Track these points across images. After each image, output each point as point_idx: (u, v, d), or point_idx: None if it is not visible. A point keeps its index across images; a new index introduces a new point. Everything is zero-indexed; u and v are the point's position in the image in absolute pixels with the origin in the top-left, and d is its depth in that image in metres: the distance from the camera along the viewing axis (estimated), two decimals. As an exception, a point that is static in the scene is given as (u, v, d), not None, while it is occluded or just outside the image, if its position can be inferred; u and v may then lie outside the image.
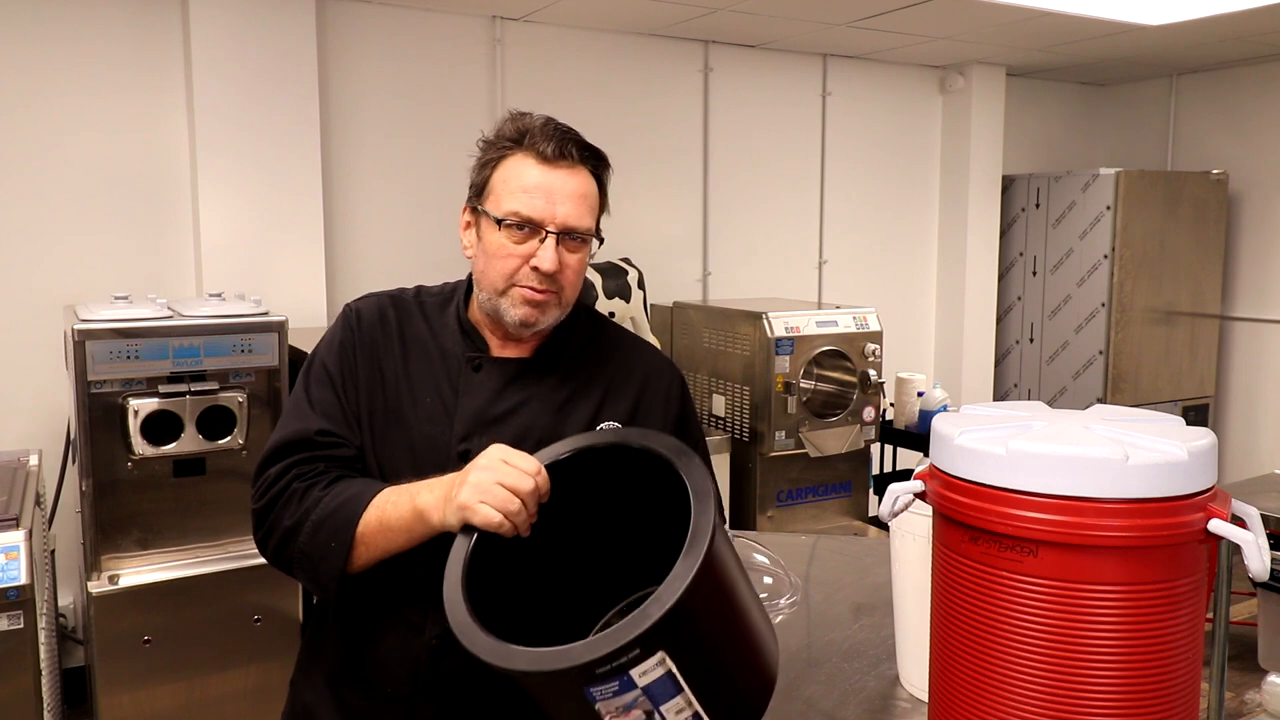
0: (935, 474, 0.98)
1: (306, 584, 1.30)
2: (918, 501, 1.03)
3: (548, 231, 1.28)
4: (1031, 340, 5.32)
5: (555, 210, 1.29)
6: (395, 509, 1.22)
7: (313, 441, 1.30)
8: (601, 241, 1.37)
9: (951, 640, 0.95)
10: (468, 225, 1.37)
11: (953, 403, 4.27)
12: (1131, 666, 0.87)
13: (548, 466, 1.17)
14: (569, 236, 1.30)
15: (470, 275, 1.41)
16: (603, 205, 1.37)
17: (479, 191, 1.34)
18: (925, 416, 4.01)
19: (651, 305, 4.14)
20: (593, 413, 1.36)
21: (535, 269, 1.29)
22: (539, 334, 1.37)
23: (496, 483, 1.13)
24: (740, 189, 4.69)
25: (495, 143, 1.33)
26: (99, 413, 2.66)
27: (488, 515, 1.12)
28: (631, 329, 3.92)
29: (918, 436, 4.01)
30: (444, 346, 1.37)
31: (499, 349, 1.37)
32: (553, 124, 1.32)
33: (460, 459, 1.29)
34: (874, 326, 3.71)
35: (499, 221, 1.29)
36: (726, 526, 1.14)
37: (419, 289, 1.45)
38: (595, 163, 1.34)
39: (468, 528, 1.15)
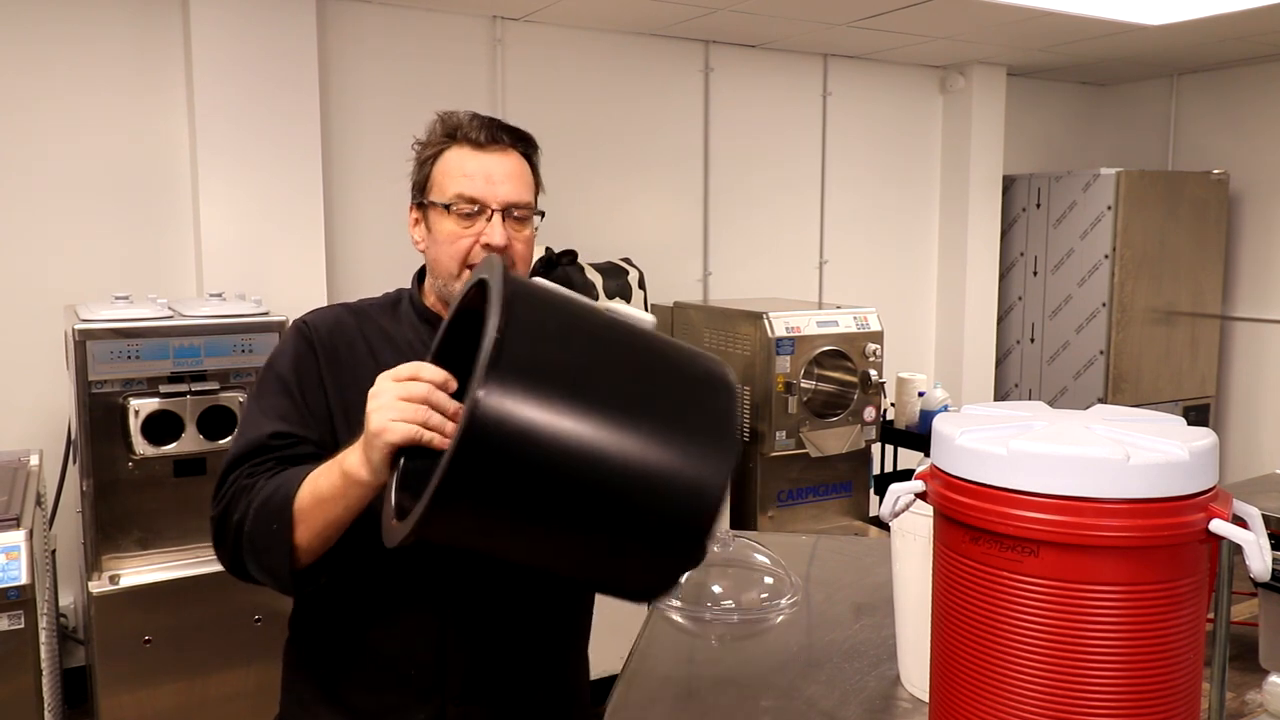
0: (936, 474, 0.98)
1: (264, 580, 1.27)
2: (918, 501, 1.03)
3: (492, 210, 1.35)
4: (1032, 340, 5.32)
5: (496, 190, 1.36)
6: (325, 476, 1.19)
7: (267, 446, 1.30)
8: (542, 215, 1.44)
9: (952, 640, 0.95)
10: (416, 222, 1.44)
11: (953, 403, 4.27)
12: (1132, 667, 0.87)
13: (439, 359, 1.15)
14: (512, 214, 1.37)
15: (416, 276, 1.47)
16: (537, 184, 1.44)
17: (422, 188, 1.41)
18: (926, 416, 4.00)
19: (652, 305, 4.14)
20: None
21: (486, 245, 1.34)
22: None
23: (396, 398, 1.09)
24: (741, 189, 4.69)
25: (430, 142, 1.41)
26: (99, 413, 2.66)
27: (405, 430, 1.07)
28: (632, 329, 3.91)
29: (918, 436, 4.01)
30: (407, 339, 1.41)
31: None
32: (479, 116, 1.40)
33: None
34: (875, 326, 3.71)
35: (447, 208, 1.36)
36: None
37: (361, 300, 1.48)
38: (524, 145, 1.42)
39: (395, 458, 1.11)
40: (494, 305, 0.97)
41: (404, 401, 1.08)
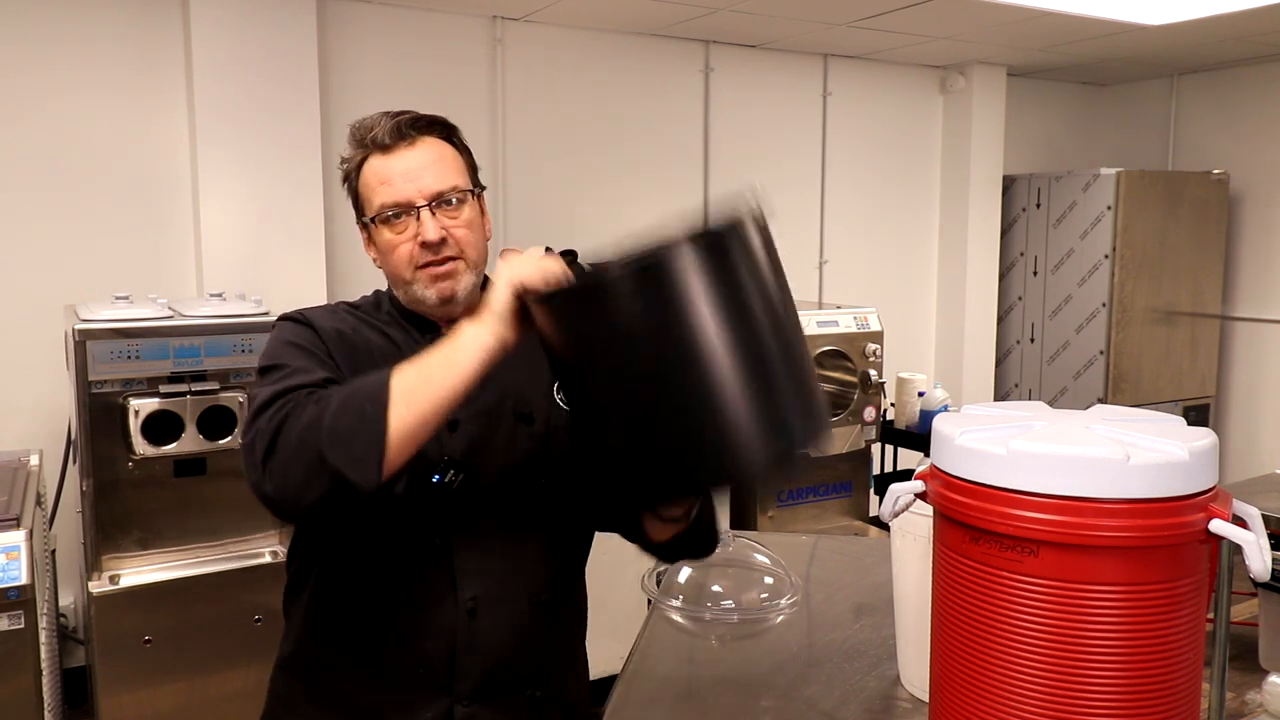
0: (936, 474, 0.98)
1: (342, 465, 1.10)
2: (918, 501, 1.03)
3: (418, 207, 1.32)
4: (1032, 340, 5.31)
5: (416, 185, 1.32)
6: (430, 354, 1.15)
7: (321, 385, 1.23)
8: (484, 188, 1.40)
9: (952, 640, 0.95)
10: (367, 242, 1.41)
11: (953, 403, 4.26)
12: (1132, 667, 0.87)
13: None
14: (442, 203, 1.33)
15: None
16: (469, 163, 1.40)
17: (356, 208, 1.39)
18: (926, 416, 4.00)
19: (652, 305, 4.14)
20: (549, 366, 1.39)
21: (423, 244, 1.32)
22: (472, 306, 1.37)
23: (531, 261, 1.13)
24: (741, 189, 4.68)
25: (346, 159, 1.38)
26: (99, 413, 2.66)
27: (538, 267, 1.11)
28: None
29: (918, 436, 4.01)
30: (399, 337, 1.39)
31: (448, 329, 1.39)
32: (384, 114, 1.36)
33: (449, 429, 1.31)
34: (875, 326, 3.71)
35: (375, 220, 1.34)
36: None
37: (341, 302, 1.47)
38: (438, 129, 1.37)
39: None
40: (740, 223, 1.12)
41: (542, 265, 1.12)
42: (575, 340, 1.10)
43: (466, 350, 1.13)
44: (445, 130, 1.38)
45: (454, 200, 1.34)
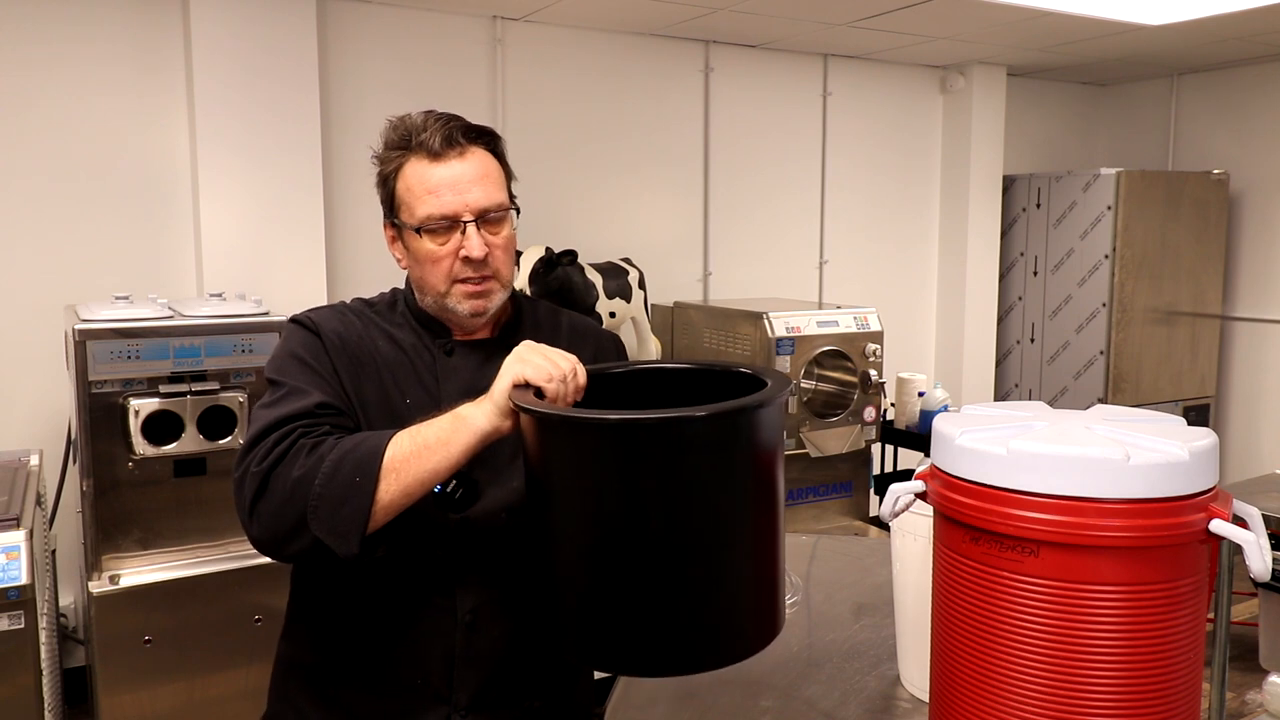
0: (936, 474, 0.98)
1: (323, 535, 1.16)
2: (919, 501, 1.03)
3: (465, 222, 1.31)
4: (1032, 340, 5.32)
5: (464, 199, 1.31)
6: (429, 426, 1.18)
7: (314, 413, 1.25)
8: (519, 211, 1.40)
9: (952, 640, 0.95)
10: (393, 239, 1.39)
11: (953, 403, 4.27)
12: (1132, 667, 0.87)
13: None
14: (486, 218, 1.33)
15: (408, 278, 1.43)
16: (508, 175, 1.40)
17: (390, 206, 1.37)
18: (926, 417, 4.00)
19: (652, 305, 4.14)
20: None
21: (466, 259, 1.31)
22: (493, 317, 1.40)
23: (539, 354, 1.15)
24: (741, 189, 4.69)
25: (386, 155, 1.36)
26: (100, 413, 2.66)
27: (538, 365, 1.14)
28: (633, 329, 3.92)
29: (918, 437, 4.01)
30: (408, 342, 1.39)
31: (461, 335, 1.41)
32: (433, 117, 1.34)
33: None
34: (875, 326, 3.71)
35: (418, 230, 1.32)
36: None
37: (356, 299, 1.45)
38: (484, 139, 1.36)
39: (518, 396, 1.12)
40: (774, 386, 1.09)
41: (547, 360, 1.15)
42: (543, 462, 1.08)
43: (462, 435, 1.16)
44: (492, 141, 1.37)
45: (496, 217, 1.34)
